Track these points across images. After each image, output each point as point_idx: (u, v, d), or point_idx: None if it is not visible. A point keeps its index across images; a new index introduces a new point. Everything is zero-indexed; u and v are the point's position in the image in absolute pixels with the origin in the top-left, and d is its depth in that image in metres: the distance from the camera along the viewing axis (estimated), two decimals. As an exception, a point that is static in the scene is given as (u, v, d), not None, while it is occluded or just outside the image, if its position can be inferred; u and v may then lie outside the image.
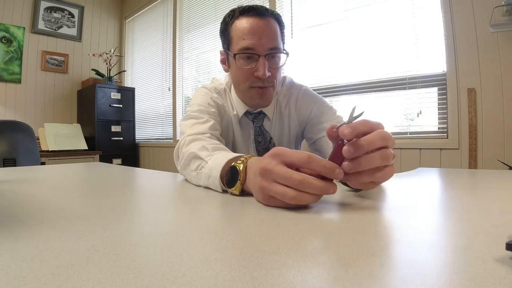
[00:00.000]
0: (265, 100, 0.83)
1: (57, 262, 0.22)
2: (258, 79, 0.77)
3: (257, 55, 0.76)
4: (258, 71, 0.76)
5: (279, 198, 0.38)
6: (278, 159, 0.39)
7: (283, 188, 0.38)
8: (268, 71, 0.77)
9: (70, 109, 3.44)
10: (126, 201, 0.47)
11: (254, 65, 0.77)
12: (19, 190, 0.55)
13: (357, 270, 0.20)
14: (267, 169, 0.39)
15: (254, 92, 0.80)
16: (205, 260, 0.22)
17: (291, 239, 0.27)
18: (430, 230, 0.30)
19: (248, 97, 0.84)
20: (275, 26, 0.79)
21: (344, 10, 1.97)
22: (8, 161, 1.45)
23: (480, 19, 1.48)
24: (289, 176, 0.37)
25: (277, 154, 0.40)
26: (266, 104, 0.86)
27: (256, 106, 0.86)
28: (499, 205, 0.40)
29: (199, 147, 0.63)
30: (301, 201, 0.37)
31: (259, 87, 0.79)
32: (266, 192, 0.40)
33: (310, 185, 0.36)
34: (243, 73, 0.79)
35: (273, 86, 0.81)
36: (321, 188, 0.36)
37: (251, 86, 0.80)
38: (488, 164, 1.49)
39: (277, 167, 0.38)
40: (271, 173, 0.39)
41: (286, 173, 0.37)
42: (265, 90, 0.80)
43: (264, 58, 0.76)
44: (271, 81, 0.79)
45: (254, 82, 0.79)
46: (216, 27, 2.73)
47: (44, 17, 3.23)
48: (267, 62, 0.77)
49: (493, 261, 0.21)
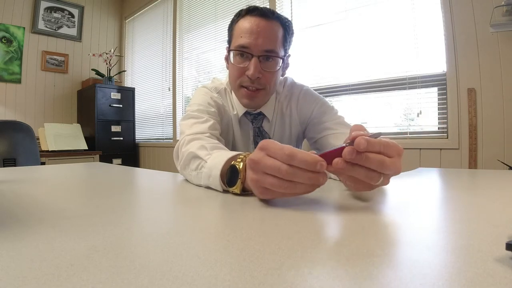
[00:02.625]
0: (254, 103, 0.83)
1: (57, 262, 0.22)
2: (248, 78, 0.78)
3: (251, 55, 0.76)
4: (248, 70, 0.77)
5: (273, 189, 0.38)
6: (264, 152, 0.40)
7: (274, 178, 0.38)
8: (258, 73, 0.77)
9: (70, 109, 3.44)
10: (126, 201, 0.47)
11: (247, 64, 0.77)
12: (19, 190, 0.55)
13: (357, 270, 0.20)
14: (255, 161, 0.40)
15: (243, 92, 0.81)
16: (205, 260, 0.22)
17: (291, 239, 0.27)
18: (430, 230, 0.30)
19: (238, 96, 0.84)
20: (277, 29, 0.78)
21: (344, 10, 1.97)
22: (8, 161, 1.45)
23: (480, 19, 1.48)
24: (277, 167, 0.37)
25: (263, 148, 0.40)
26: (255, 106, 0.86)
27: (246, 106, 0.86)
28: (499, 205, 0.40)
29: (198, 147, 0.63)
30: (294, 190, 0.37)
31: (247, 88, 0.80)
32: (259, 184, 0.40)
33: (298, 175, 0.36)
34: (236, 70, 0.80)
35: (265, 89, 0.80)
36: (308, 178, 0.36)
37: (241, 85, 0.80)
38: (488, 164, 1.49)
39: (265, 159, 0.39)
40: (260, 165, 0.39)
41: (274, 164, 0.38)
42: (254, 93, 0.80)
43: (256, 59, 0.76)
44: (262, 83, 0.79)
45: (244, 82, 0.79)
46: (216, 27, 2.76)
47: (44, 17, 3.23)
48: (261, 64, 0.77)
49: (493, 261, 0.21)
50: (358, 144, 0.35)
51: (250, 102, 0.83)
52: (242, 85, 0.80)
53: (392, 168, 0.37)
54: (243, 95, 0.82)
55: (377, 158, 0.36)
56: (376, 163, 0.36)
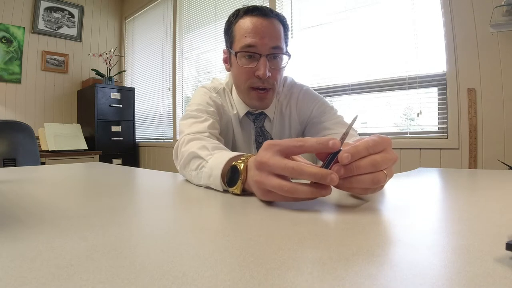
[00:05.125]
0: (264, 104, 0.83)
1: (57, 262, 0.22)
2: (258, 79, 0.77)
3: (258, 55, 0.76)
4: (258, 70, 0.76)
5: (275, 191, 0.38)
6: (272, 149, 0.40)
7: (278, 180, 0.38)
8: (268, 71, 0.76)
9: (70, 109, 3.44)
10: (126, 201, 0.47)
11: (255, 64, 0.77)
12: (19, 190, 0.55)
13: (357, 270, 0.20)
14: (262, 161, 0.40)
15: (254, 94, 0.80)
16: (205, 260, 0.22)
17: (291, 239, 0.27)
18: (430, 230, 0.30)
19: (247, 98, 0.83)
20: (279, 27, 0.79)
21: (344, 10, 1.97)
22: (8, 161, 1.45)
23: (480, 19, 1.48)
24: (283, 164, 0.37)
25: (270, 145, 0.40)
26: (265, 107, 0.86)
27: (255, 108, 0.86)
28: (499, 205, 0.39)
29: (199, 146, 0.63)
30: (297, 192, 0.37)
31: (259, 89, 0.79)
32: (262, 187, 0.40)
33: (304, 172, 0.36)
34: (244, 72, 0.79)
35: (273, 88, 0.80)
36: (315, 174, 0.35)
37: (251, 87, 0.80)
38: (488, 164, 1.49)
39: (272, 158, 0.39)
40: (267, 165, 0.39)
41: (280, 162, 0.38)
42: (264, 93, 0.80)
43: (265, 58, 0.76)
44: (271, 82, 0.79)
45: (254, 83, 0.78)
46: (216, 27, 2.76)
47: (44, 17, 3.23)
48: (268, 63, 0.77)
49: (493, 261, 0.21)
50: (342, 159, 0.35)
51: (261, 104, 0.82)
52: (252, 87, 0.79)
53: (386, 162, 0.37)
54: (254, 97, 0.81)
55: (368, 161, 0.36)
56: (369, 166, 0.36)
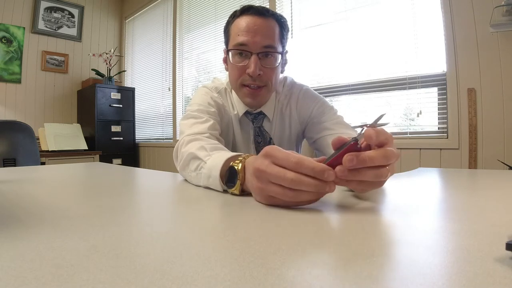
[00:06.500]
0: (256, 101, 0.84)
1: (57, 262, 0.22)
2: (249, 76, 0.78)
3: (249, 53, 0.77)
4: (249, 68, 0.77)
5: (279, 197, 0.38)
6: (269, 159, 0.39)
7: (280, 187, 0.38)
8: (259, 70, 0.77)
9: (70, 109, 3.44)
10: (126, 201, 0.47)
11: (246, 62, 0.78)
12: (19, 190, 0.55)
13: (357, 270, 0.20)
14: (261, 170, 0.39)
15: (245, 90, 0.81)
16: (205, 260, 0.22)
17: (291, 239, 0.27)
18: (430, 230, 0.30)
19: (240, 95, 0.85)
20: (274, 26, 0.79)
21: (344, 10, 1.97)
22: (8, 161, 1.45)
23: (480, 19, 1.48)
24: (282, 175, 0.37)
25: (268, 155, 0.40)
26: (259, 104, 0.86)
27: (248, 105, 0.86)
28: (499, 205, 0.40)
29: (197, 147, 0.63)
30: (300, 198, 0.37)
31: (249, 86, 0.80)
32: (265, 193, 0.40)
33: (304, 183, 0.36)
34: (236, 69, 0.80)
35: (266, 86, 0.81)
36: (315, 185, 0.36)
37: (243, 84, 0.81)
38: (488, 164, 1.49)
39: (270, 168, 0.38)
40: (265, 174, 0.39)
41: (279, 172, 0.37)
42: (257, 91, 0.80)
43: (256, 56, 0.76)
44: (263, 80, 0.79)
45: (246, 80, 0.80)
46: (216, 27, 2.76)
47: (44, 17, 3.23)
48: (260, 61, 0.77)
49: (493, 261, 0.21)
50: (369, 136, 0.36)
51: (252, 101, 0.83)
52: (244, 84, 0.81)
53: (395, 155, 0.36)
54: (245, 94, 0.82)
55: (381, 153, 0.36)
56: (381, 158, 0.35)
